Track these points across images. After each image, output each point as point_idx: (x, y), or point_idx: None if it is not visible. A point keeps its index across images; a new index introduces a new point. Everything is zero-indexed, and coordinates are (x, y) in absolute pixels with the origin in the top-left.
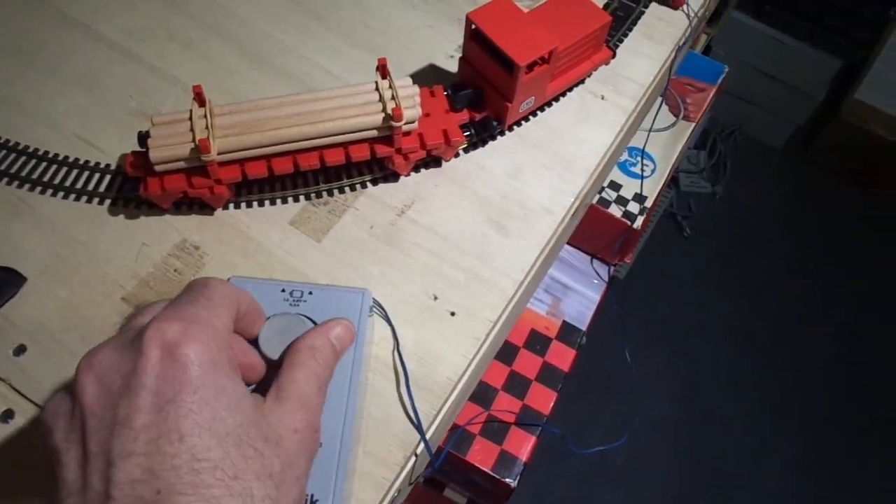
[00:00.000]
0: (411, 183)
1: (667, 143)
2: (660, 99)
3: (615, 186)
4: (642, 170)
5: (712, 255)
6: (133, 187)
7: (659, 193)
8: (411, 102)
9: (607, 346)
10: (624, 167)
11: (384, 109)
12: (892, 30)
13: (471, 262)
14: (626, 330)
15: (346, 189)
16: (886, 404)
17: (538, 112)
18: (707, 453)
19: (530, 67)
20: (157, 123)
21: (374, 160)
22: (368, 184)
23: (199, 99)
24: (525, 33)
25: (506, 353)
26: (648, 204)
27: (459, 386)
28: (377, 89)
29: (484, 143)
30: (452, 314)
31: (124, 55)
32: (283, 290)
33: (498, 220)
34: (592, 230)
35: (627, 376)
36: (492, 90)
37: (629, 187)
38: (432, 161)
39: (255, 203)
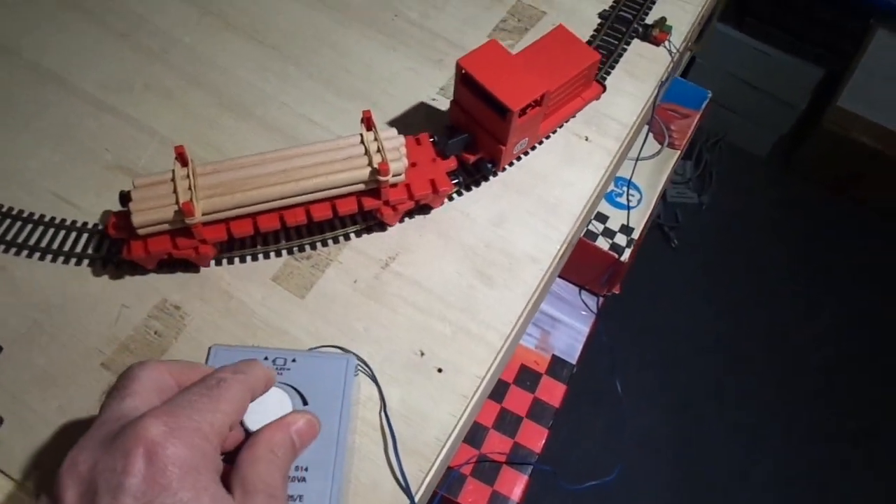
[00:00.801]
0: (395, 234)
1: (652, 172)
2: (646, 127)
3: (602, 218)
4: (628, 200)
5: (700, 266)
6: (115, 249)
7: (646, 224)
8: (397, 154)
9: (598, 376)
10: (610, 198)
11: (370, 163)
12: (872, 38)
13: (457, 315)
14: (615, 346)
15: (330, 242)
16: (873, 416)
17: (521, 157)
18: (697, 474)
19: (523, 111)
20: (138, 186)
21: (360, 212)
22: (352, 235)
23: (182, 159)
24: (516, 77)
25: (496, 390)
26: (636, 235)
27: (448, 445)
28: (362, 142)
29: (477, 184)
30: (440, 371)
31: (99, 107)
32: (266, 359)
33: (483, 270)
34: (580, 263)
35: (618, 404)
36: (484, 133)
37: (616, 218)
38: (419, 209)
39: (236, 260)
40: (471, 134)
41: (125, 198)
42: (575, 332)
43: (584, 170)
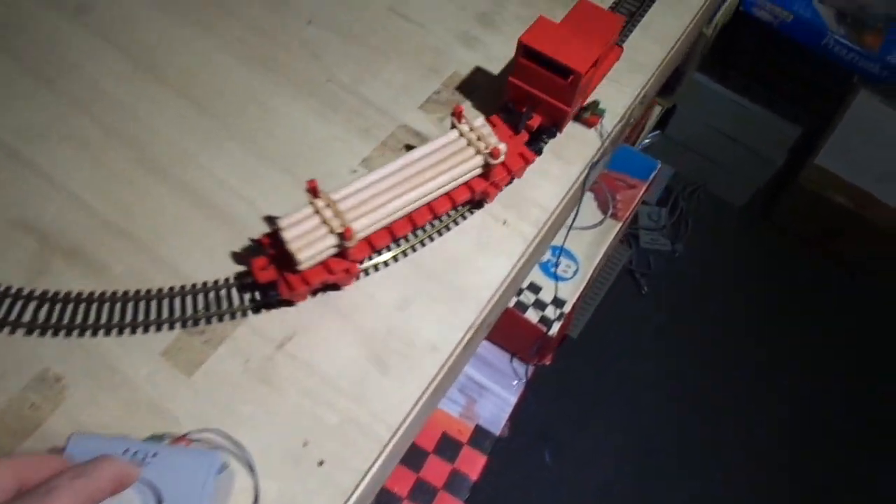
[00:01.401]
0: (295, 312)
1: (592, 243)
2: (590, 194)
3: (534, 289)
4: (556, 269)
5: (669, 315)
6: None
7: (580, 297)
8: (494, 138)
9: (523, 447)
10: (545, 268)
11: (479, 151)
12: (853, 100)
13: (347, 403)
14: (570, 397)
15: (226, 317)
16: (842, 472)
17: (435, 237)
18: None
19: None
20: (286, 227)
21: (434, 215)
22: (250, 312)
23: (315, 192)
24: (570, 45)
25: (414, 458)
26: (567, 308)
27: None
28: (461, 135)
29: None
30: (321, 463)
31: (10, 155)
32: (127, 450)
33: (381, 356)
34: (510, 332)
35: (548, 476)
36: (547, 101)
37: (549, 290)
38: (327, 287)
39: (127, 330)
40: (532, 105)
41: (269, 244)
42: (502, 402)
43: (498, 256)
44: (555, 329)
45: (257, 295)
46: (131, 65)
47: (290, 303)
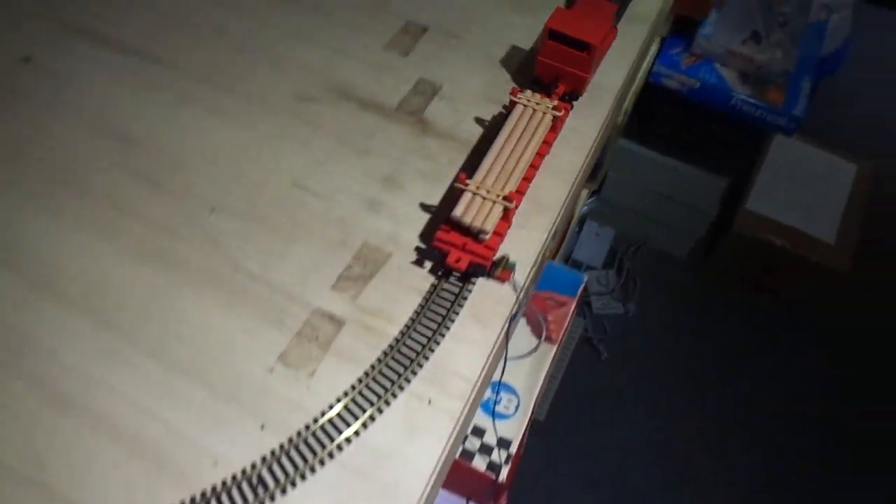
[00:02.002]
0: None
1: (530, 371)
2: (523, 319)
3: (478, 432)
4: (497, 407)
5: (631, 376)
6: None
7: (525, 434)
8: (548, 100)
9: None
10: (486, 407)
11: (546, 112)
12: (769, 146)
13: None
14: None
15: None
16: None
17: (360, 432)
18: None
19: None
20: (462, 214)
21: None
22: None
23: (463, 181)
24: (583, 25)
25: None
26: (513, 449)
27: None
28: (525, 106)
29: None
30: None
31: None
32: None
33: None
34: (460, 480)
35: None
36: (570, 72)
37: (493, 431)
38: None
39: None
40: (558, 76)
41: (441, 249)
42: None
43: (427, 439)
44: (504, 474)
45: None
46: (26, 285)
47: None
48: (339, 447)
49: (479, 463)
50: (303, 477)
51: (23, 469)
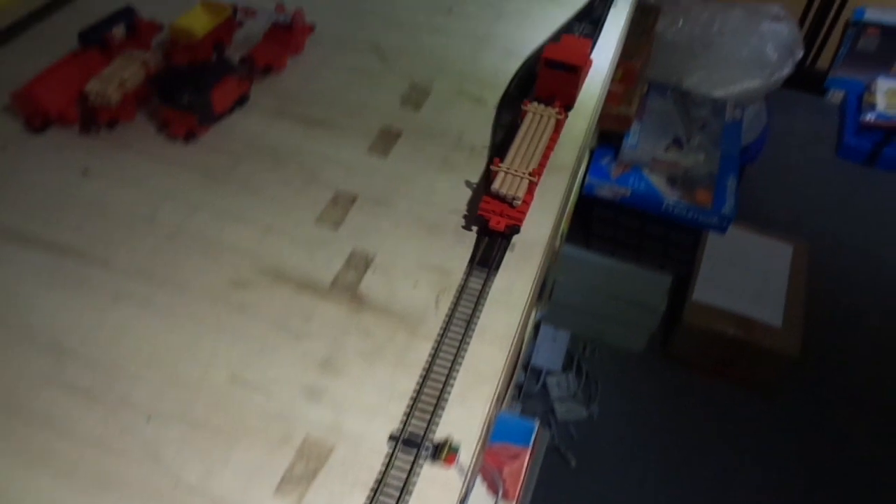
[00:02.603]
0: None
1: None
2: (478, 477)
3: None
4: None
5: (602, 481)
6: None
7: None
8: (552, 108)
9: None
10: None
11: (552, 116)
12: (705, 240)
13: None
14: None
15: None
16: None
17: None
18: None
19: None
20: (498, 186)
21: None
22: None
23: (497, 163)
24: (569, 53)
25: None
26: None
27: None
28: (535, 112)
29: None
30: None
31: None
32: None
33: None
34: None
35: None
36: (562, 90)
37: None
38: None
39: None
40: (554, 94)
41: (485, 217)
42: None
43: None
44: None
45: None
46: None
47: None
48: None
49: None
50: None
51: None
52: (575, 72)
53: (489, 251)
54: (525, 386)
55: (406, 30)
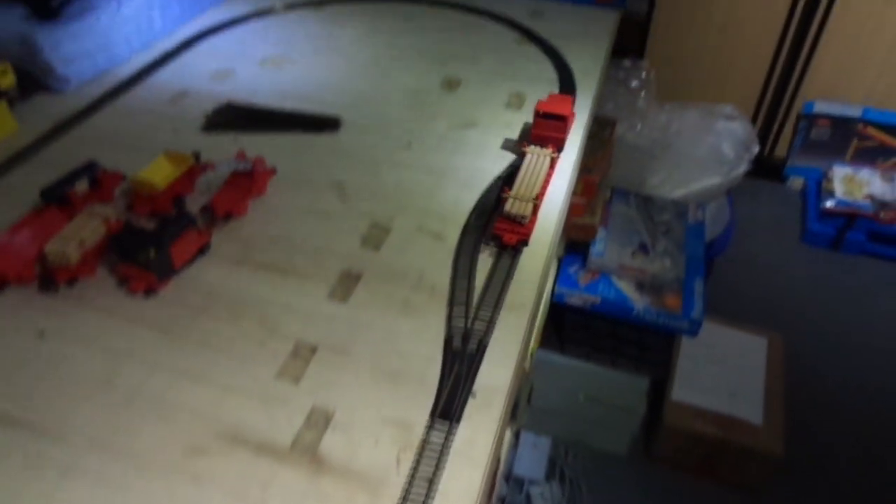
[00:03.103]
0: None
1: None
2: None
3: None
4: None
5: None
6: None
7: None
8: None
9: None
10: None
11: (547, 156)
12: (680, 339)
13: None
14: None
15: None
16: None
17: None
18: None
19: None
20: (509, 208)
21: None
22: None
23: (507, 191)
24: (557, 105)
25: None
26: None
27: None
28: (533, 153)
29: None
30: None
31: None
32: None
33: None
34: None
35: None
36: (554, 135)
37: None
38: None
39: None
40: (546, 139)
41: (497, 233)
42: None
43: None
44: None
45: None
46: None
47: None
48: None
49: None
50: None
51: None
52: (563, 120)
53: (451, 401)
54: (508, 498)
55: (366, 166)
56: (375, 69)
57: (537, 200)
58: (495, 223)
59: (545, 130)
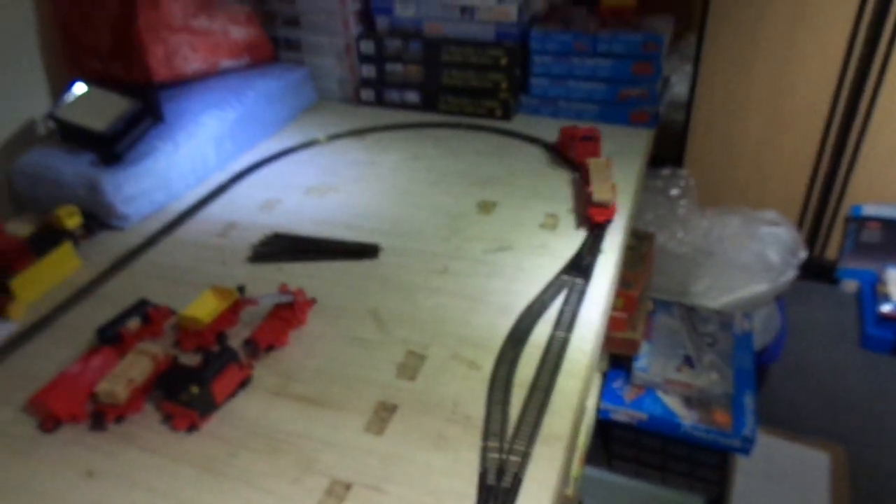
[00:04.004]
0: None
1: None
2: None
3: None
4: None
5: None
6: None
7: None
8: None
9: None
10: None
11: (603, 160)
12: (734, 458)
13: None
14: None
15: None
16: None
17: None
18: None
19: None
20: (593, 193)
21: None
22: None
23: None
24: (586, 132)
25: None
26: None
27: None
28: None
29: None
30: None
31: None
32: None
33: None
34: None
35: None
36: (580, 152)
37: None
38: None
39: None
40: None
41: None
42: None
43: None
44: None
45: None
46: None
47: None
48: None
49: None
50: None
51: None
52: (595, 140)
53: None
54: None
55: (403, 292)
56: (414, 194)
57: (615, 188)
58: (588, 210)
59: (585, 149)
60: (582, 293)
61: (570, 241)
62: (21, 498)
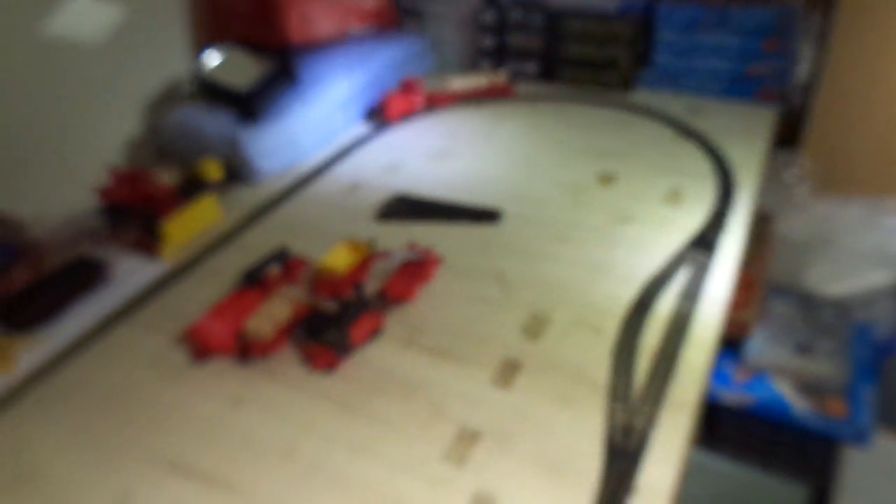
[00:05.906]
0: None
1: None
2: None
3: None
4: None
5: None
6: None
7: None
8: None
9: None
10: None
11: None
12: (844, 454)
13: None
14: None
15: None
16: None
17: None
18: None
19: None
20: None
21: None
22: None
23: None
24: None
25: None
26: None
27: None
28: None
29: None
30: None
31: None
32: None
33: None
34: None
35: None
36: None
37: None
38: None
39: None
40: None
41: None
42: None
43: None
44: None
45: None
46: None
47: None
48: None
49: None
50: None
51: None
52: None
53: (612, 499)
54: None
55: (525, 257)
56: (533, 163)
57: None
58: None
59: None
60: (706, 267)
61: (694, 216)
62: (174, 418)
